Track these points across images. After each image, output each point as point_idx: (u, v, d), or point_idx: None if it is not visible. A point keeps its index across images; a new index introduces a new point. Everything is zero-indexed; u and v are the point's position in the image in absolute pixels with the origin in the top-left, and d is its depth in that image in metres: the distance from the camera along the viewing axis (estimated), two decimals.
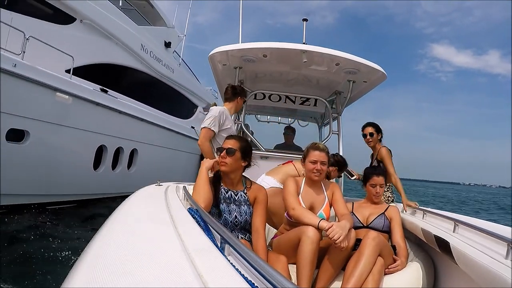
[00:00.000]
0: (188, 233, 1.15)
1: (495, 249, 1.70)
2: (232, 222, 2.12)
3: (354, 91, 3.60)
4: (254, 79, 3.93)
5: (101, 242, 1.09)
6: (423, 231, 2.31)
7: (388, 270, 2.12)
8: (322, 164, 2.29)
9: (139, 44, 9.24)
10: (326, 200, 2.35)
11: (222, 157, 2.10)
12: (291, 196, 2.23)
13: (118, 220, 1.43)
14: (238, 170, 2.18)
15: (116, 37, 8.37)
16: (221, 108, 3.11)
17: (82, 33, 7.45)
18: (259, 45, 3.06)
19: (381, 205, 2.63)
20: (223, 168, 2.12)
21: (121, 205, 1.81)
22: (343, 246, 1.87)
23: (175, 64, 11.46)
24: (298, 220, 2.10)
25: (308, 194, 2.35)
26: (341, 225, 1.94)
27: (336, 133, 3.85)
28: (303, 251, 1.90)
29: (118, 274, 0.76)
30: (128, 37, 8.74)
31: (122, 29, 8.56)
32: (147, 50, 9.55)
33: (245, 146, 2.18)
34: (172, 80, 11.10)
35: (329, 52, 2.97)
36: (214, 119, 2.94)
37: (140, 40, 9.31)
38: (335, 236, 1.84)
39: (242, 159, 2.15)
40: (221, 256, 0.94)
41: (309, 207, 2.29)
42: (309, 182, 2.39)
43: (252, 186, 2.24)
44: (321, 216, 2.24)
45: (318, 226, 1.94)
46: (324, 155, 2.32)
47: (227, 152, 2.10)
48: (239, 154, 2.12)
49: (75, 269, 0.90)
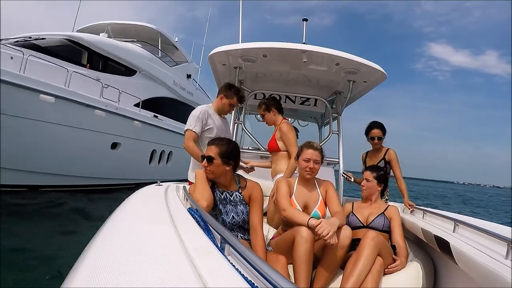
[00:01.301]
0: (188, 233, 1.15)
1: (495, 249, 1.70)
2: (230, 223, 2.12)
3: (354, 91, 3.60)
4: (254, 79, 3.92)
5: (101, 242, 1.09)
6: (423, 231, 2.31)
7: (388, 270, 2.12)
8: (315, 163, 2.31)
9: (172, 80, 13.72)
10: (320, 198, 2.35)
11: (205, 166, 2.11)
12: (283, 198, 2.23)
13: (118, 220, 1.43)
14: (225, 173, 2.16)
15: (160, 79, 12.83)
16: (204, 106, 3.01)
17: (141, 80, 11.89)
18: (259, 45, 3.05)
19: (381, 205, 2.63)
20: (208, 176, 2.13)
21: (121, 205, 1.81)
22: (332, 242, 1.85)
23: (193, 89, 16.09)
24: (290, 220, 2.11)
25: (301, 193, 2.35)
26: (330, 221, 1.93)
27: (336, 133, 3.84)
28: (298, 251, 1.90)
29: (118, 274, 0.76)
30: (166, 78, 13.22)
31: (162, 73, 13.02)
32: (177, 83, 14.06)
33: (225, 150, 2.14)
34: (192, 101, 15.01)
35: (329, 52, 2.97)
36: (196, 119, 2.85)
37: (173, 78, 13.75)
38: (324, 232, 1.83)
39: (224, 164, 2.12)
40: (221, 256, 0.94)
41: (303, 206, 2.30)
42: (302, 181, 2.40)
43: (246, 184, 2.24)
44: (315, 214, 2.24)
45: (307, 224, 1.94)
46: (317, 153, 2.33)
47: (207, 160, 2.10)
48: (219, 160, 2.10)
49: (75, 269, 0.90)
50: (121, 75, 10.93)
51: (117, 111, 9.76)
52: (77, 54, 9.70)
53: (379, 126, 3.24)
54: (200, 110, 2.93)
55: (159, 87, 12.88)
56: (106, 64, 10.53)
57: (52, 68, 8.25)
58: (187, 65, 15.61)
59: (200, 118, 2.87)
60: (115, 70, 10.77)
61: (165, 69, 13.21)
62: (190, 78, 15.80)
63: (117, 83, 10.16)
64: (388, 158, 3.18)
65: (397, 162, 3.12)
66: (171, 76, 13.58)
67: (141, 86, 11.77)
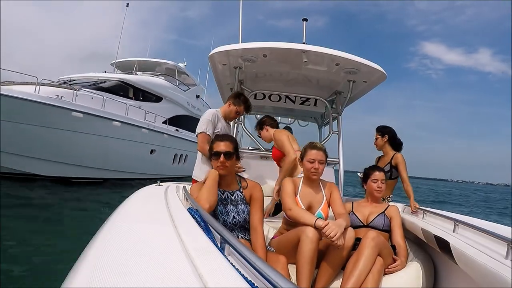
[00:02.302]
0: (188, 233, 1.15)
1: (495, 249, 1.70)
2: (230, 223, 2.12)
3: (354, 91, 3.60)
4: (254, 79, 3.92)
5: (101, 242, 1.09)
6: (423, 231, 2.31)
7: (388, 270, 2.12)
8: (320, 163, 2.32)
9: (186, 102, 18.57)
10: (324, 199, 2.35)
11: (222, 162, 2.10)
12: (288, 197, 2.24)
13: (118, 220, 1.43)
14: (234, 170, 2.23)
15: (178, 102, 17.75)
16: (213, 110, 3.11)
17: (166, 104, 16.77)
18: (259, 45, 3.05)
19: (381, 204, 2.64)
20: (222, 171, 2.13)
21: (121, 205, 1.81)
22: (339, 244, 1.86)
23: (201, 106, 20.28)
24: (295, 220, 2.11)
25: (306, 193, 2.35)
26: (337, 223, 1.94)
27: (336, 133, 3.84)
28: (303, 251, 1.90)
29: (118, 274, 0.76)
30: (182, 100, 18.14)
31: (180, 97, 17.97)
32: (189, 103, 18.87)
33: (236, 145, 2.21)
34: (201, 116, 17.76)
35: (329, 52, 2.97)
36: (208, 123, 2.95)
37: (187, 99, 18.64)
38: (331, 234, 1.84)
39: (237, 159, 2.19)
40: (221, 256, 0.94)
41: (307, 206, 2.30)
42: (307, 181, 2.40)
43: (247, 184, 2.25)
44: (319, 215, 2.24)
45: (314, 225, 1.94)
46: (322, 153, 2.34)
47: (226, 156, 2.10)
48: (235, 155, 2.16)
49: (75, 269, 0.90)
50: (153, 102, 15.92)
51: (154, 128, 14.57)
52: (127, 90, 14.76)
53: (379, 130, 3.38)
54: (211, 113, 3.03)
55: (178, 108, 17.86)
56: (144, 95, 15.45)
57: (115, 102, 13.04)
58: (196, 88, 20.80)
59: (212, 121, 2.97)
60: (149, 99, 15.72)
61: (181, 94, 18.32)
62: (199, 97, 21.03)
63: (151, 108, 14.95)
64: (395, 162, 3.21)
65: (404, 165, 3.16)
66: (185, 98, 18.60)
67: (166, 109, 16.54)
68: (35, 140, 10.22)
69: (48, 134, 10.39)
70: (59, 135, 10.61)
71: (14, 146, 9.90)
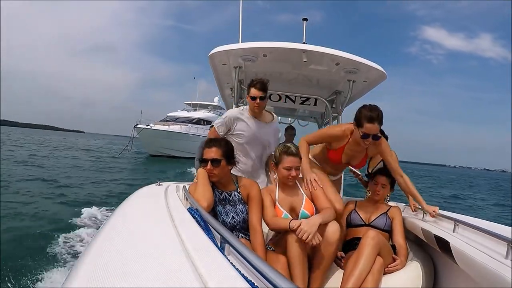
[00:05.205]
0: (188, 233, 1.15)
1: (495, 249, 1.69)
2: (230, 223, 2.11)
3: (354, 91, 3.60)
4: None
5: (101, 242, 1.09)
6: (423, 231, 2.31)
7: (388, 270, 2.11)
8: (296, 169, 2.21)
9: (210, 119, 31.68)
10: (304, 197, 2.27)
11: (209, 170, 2.09)
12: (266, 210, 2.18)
13: (118, 220, 1.43)
14: (227, 173, 2.19)
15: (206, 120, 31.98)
16: (235, 111, 2.86)
17: None
18: (259, 45, 3.05)
19: (384, 205, 2.64)
20: (212, 178, 2.13)
21: (121, 205, 1.81)
22: (314, 243, 1.84)
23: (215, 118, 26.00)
24: (277, 230, 2.13)
25: (285, 198, 2.27)
26: (310, 222, 1.89)
27: None
28: (290, 252, 1.90)
29: (118, 274, 0.76)
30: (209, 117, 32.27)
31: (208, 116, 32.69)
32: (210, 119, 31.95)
33: (227, 149, 2.14)
34: None
35: (329, 52, 2.97)
36: (221, 123, 2.81)
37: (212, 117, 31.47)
38: (303, 237, 1.82)
39: (228, 164, 2.14)
40: (221, 256, 0.94)
41: (289, 210, 2.22)
42: (283, 185, 2.31)
43: (244, 183, 2.23)
44: (304, 214, 2.18)
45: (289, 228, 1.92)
46: (297, 160, 2.22)
47: (212, 163, 2.09)
48: (224, 161, 2.11)
49: (76, 269, 0.91)
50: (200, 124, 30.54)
51: None
52: (202, 122, 31.01)
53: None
54: (228, 115, 2.83)
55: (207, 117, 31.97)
56: (208, 122, 29.74)
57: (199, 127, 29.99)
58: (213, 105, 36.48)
59: (226, 122, 2.80)
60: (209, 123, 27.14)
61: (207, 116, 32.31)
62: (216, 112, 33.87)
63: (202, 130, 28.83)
64: None
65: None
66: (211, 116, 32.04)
67: None
68: (176, 144, 27.20)
69: (181, 141, 27.33)
70: (183, 142, 27.21)
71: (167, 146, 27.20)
